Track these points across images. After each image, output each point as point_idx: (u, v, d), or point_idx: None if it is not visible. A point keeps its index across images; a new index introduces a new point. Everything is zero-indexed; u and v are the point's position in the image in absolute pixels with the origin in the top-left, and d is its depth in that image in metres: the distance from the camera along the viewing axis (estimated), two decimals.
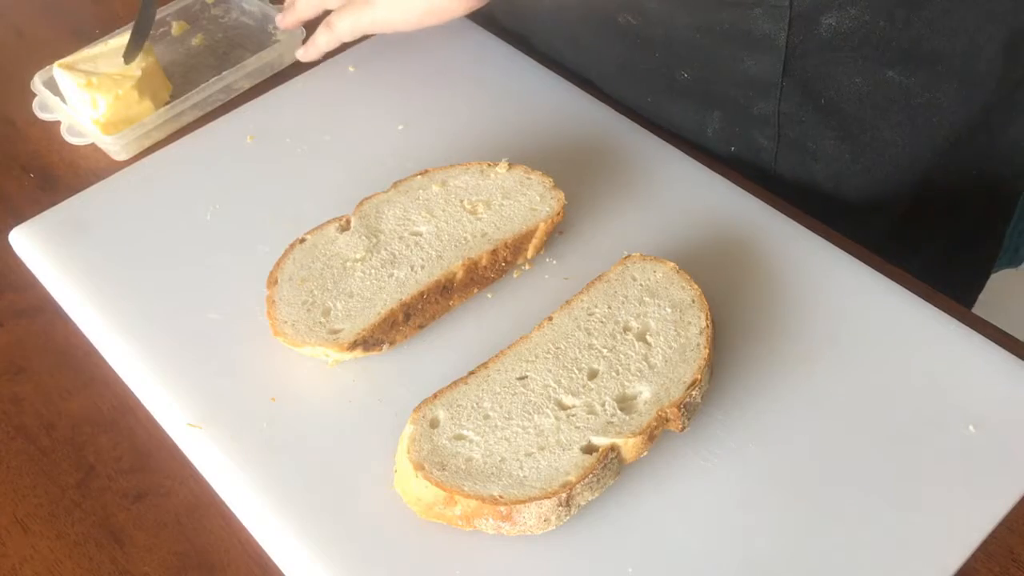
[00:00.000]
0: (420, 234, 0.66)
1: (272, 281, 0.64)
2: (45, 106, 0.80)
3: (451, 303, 0.64)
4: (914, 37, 0.70)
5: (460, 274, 0.64)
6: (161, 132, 0.78)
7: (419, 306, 0.63)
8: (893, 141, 0.75)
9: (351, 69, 0.82)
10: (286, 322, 0.62)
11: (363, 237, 0.66)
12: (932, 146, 0.76)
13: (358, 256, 0.65)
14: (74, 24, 0.89)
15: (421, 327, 0.64)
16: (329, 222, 0.67)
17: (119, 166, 0.76)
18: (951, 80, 0.73)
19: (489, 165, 0.70)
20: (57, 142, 0.79)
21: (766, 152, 0.77)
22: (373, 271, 0.64)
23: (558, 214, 0.66)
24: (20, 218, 0.72)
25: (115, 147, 0.76)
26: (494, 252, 0.65)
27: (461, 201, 0.68)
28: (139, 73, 0.77)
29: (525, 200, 0.67)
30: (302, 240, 0.66)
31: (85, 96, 0.75)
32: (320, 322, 0.62)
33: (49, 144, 0.79)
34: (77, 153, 0.78)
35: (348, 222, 0.67)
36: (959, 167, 0.79)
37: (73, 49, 0.79)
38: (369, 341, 0.61)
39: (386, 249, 0.65)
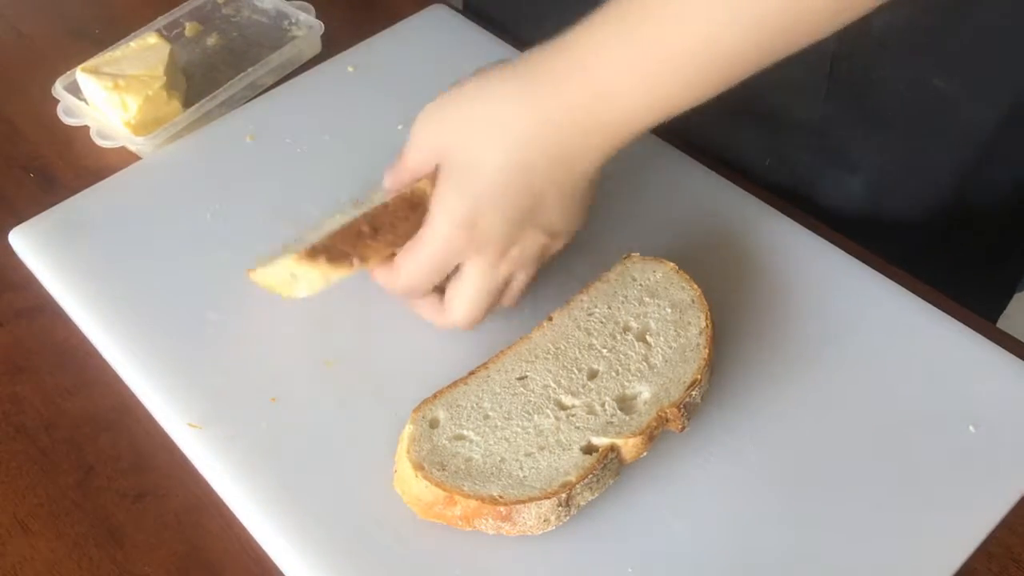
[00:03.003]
0: None
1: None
2: (71, 111, 0.78)
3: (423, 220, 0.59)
4: (964, 43, 0.68)
5: (430, 190, 0.59)
6: (189, 131, 0.78)
7: (387, 221, 0.58)
8: (936, 156, 0.74)
9: (351, 69, 0.82)
10: (258, 257, 0.62)
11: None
12: (973, 161, 0.75)
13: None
14: (74, 24, 0.89)
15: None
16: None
17: (119, 166, 0.76)
18: (997, 92, 0.71)
19: None
20: (57, 142, 0.79)
21: (802, 165, 0.75)
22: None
23: None
24: (20, 218, 0.71)
25: (148, 147, 0.76)
26: None
27: None
28: (164, 74, 0.76)
29: None
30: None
31: (114, 98, 0.75)
32: (290, 249, 0.60)
33: (49, 144, 0.79)
34: (77, 153, 0.78)
35: None
36: (991, 182, 0.77)
37: (73, 49, 0.79)
38: (333, 251, 0.58)
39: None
